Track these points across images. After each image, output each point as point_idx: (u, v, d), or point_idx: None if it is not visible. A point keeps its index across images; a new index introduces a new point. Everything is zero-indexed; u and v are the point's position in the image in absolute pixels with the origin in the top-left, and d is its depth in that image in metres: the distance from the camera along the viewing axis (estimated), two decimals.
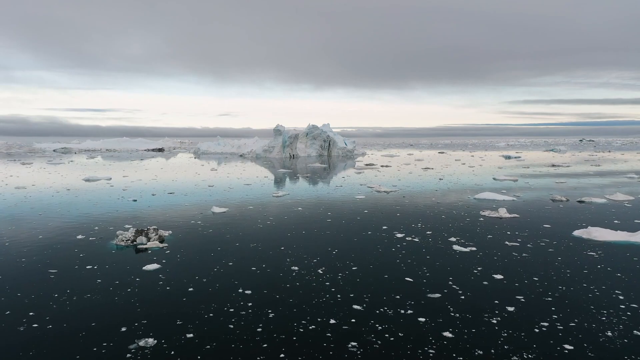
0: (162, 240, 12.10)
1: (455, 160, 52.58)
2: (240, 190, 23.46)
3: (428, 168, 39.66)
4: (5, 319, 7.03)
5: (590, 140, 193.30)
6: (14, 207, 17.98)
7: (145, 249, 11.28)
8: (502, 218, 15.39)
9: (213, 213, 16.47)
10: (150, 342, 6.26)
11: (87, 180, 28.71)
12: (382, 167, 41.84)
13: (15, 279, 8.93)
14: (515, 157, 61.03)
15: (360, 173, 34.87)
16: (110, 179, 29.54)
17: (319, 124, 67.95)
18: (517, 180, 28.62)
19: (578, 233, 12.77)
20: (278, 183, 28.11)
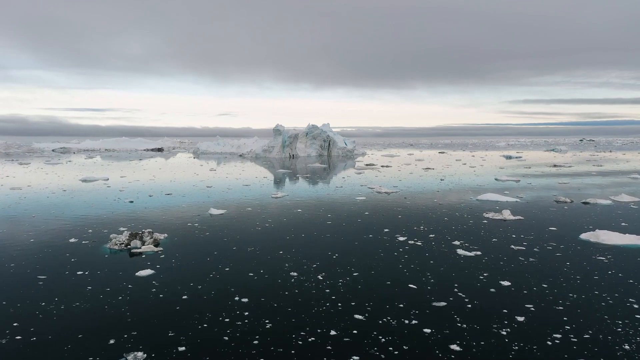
0: (157, 244, 11.74)
1: (456, 161, 52.22)
2: (239, 191, 23.10)
3: (429, 168, 39.30)
4: None
5: (591, 140, 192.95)
6: (8, 208, 17.61)
7: (140, 253, 10.91)
8: (506, 220, 15.04)
9: (210, 215, 16.11)
10: (140, 356, 5.90)
11: (84, 181, 28.33)
12: (382, 167, 41.47)
13: (1, 286, 8.57)
14: (516, 157, 60.68)
15: (361, 173, 34.51)
16: (108, 180, 29.17)
17: (319, 124, 67.59)
18: (519, 181, 28.26)
19: (585, 236, 12.40)
20: (277, 184, 27.75)
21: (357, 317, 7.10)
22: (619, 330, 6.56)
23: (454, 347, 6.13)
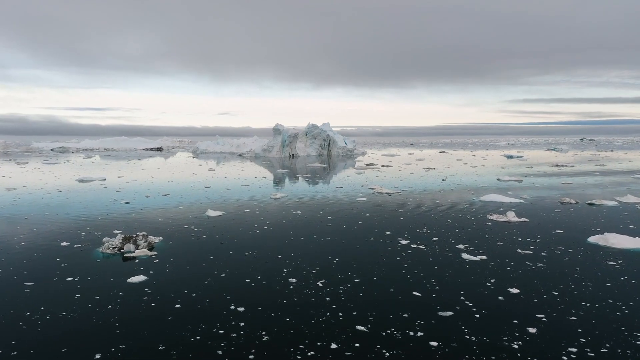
0: (151, 248, 11.35)
1: (457, 160, 51.82)
2: (238, 192, 22.71)
3: (430, 168, 38.90)
4: None
5: (591, 139, 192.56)
6: (1, 210, 17.22)
7: (133, 258, 10.52)
8: (510, 222, 14.65)
9: (208, 217, 15.72)
10: None
11: (80, 181, 27.94)
12: (382, 167, 41.07)
13: None
14: (517, 156, 60.27)
15: (361, 173, 34.11)
16: (105, 180, 28.79)
17: (319, 123, 67.17)
18: (521, 181, 27.87)
19: (594, 239, 12.02)
20: (277, 184, 27.36)
21: (359, 328, 6.71)
22: (639, 344, 6.18)
23: None
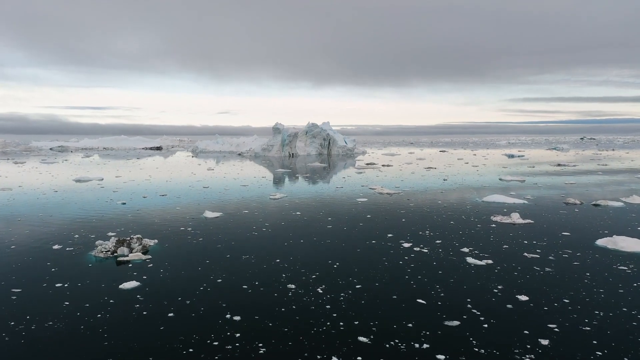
0: (145, 251, 11.00)
1: (458, 159, 51.46)
2: (236, 192, 22.35)
3: (431, 168, 38.54)
4: None
5: (592, 139, 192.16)
6: None
7: (126, 262, 10.17)
8: (515, 224, 14.29)
9: (205, 218, 15.37)
10: None
11: (77, 181, 27.58)
12: (383, 166, 40.72)
13: None
14: (519, 155, 59.92)
15: (361, 173, 33.75)
16: (102, 180, 28.43)
17: (319, 122, 66.78)
18: (524, 181, 27.52)
19: (602, 242, 11.66)
20: (276, 184, 27.00)
21: (361, 339, 6.36)
22: None
23: None
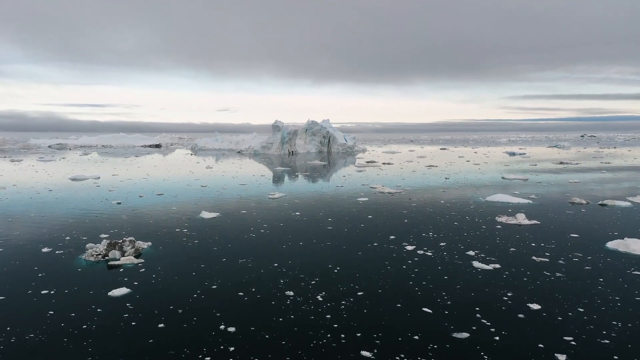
0: (138, 255, 10.56)
1: (459, 157, 51.01)
2: (235, 191, 21.91)
3: (432, 166, 38.10)
4: None
5: (592, 136, 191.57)
6: None
7: (118, 266, 9.74)
8: (521, 225, 13.87)
9: (202, 219, 14.93)
10: None
11: (73, 180, 27.12)
12: (383, 164, 40.27)
13: None
14: (520, 153, 59.49)
15: (362, 171, 33.31)
16: (99, 178, 27.97)
17: (319, 120, 66.26)
18: (527, 180, 27.08)
19: (613, 245, 11.24)
20: (275, 182, 26.55)
21: (364, 354, 5.93)
22: None
23: None
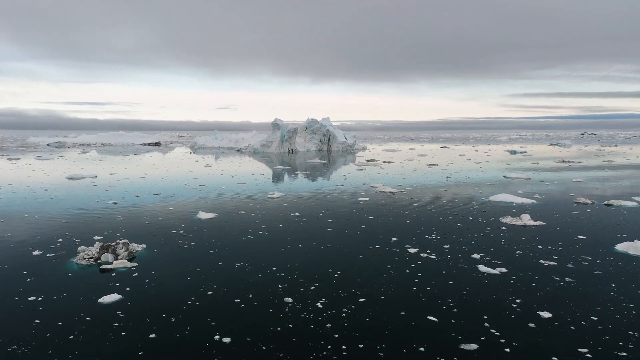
0: (132, 258, 10.22)
1: (460, 156, 50.63)
2: (233, 191, 21.55)
3: (433, 164, 37.73)
4: None
5: (592, 134, 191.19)
6: None
7: (110, 270, 9.40)
8: (526, 226, 13.52)
9: (199, 219, 14.58)
10: None
11: (70, 179, 26.76)
12: (384, 163, 39.90)
13: None
14: (521, 151, 59.10)
15: (362, 170, 32.95)
16: (96, 177, 27.62)
17: (318, 118, 65.83)
18: (529, 179, 26.73)
19: (622, 247, 10.88)
20: (275, 182, 26.19)
21: None
22: None
23: None
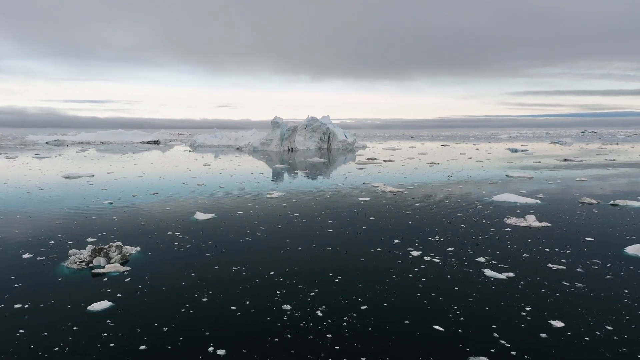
0: (125, 261, 9.86)
1: (461, 154, 50.24)
2: (232, 190, 21.19)
3: (434, 163, 37.37)
4: None
5: (593, 132, 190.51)
6: None
7: (102, 274, 9.04)
8: (532, 228, 13.16)
9: (196, 220, 14.22)
10: None
11: (66, 178, 26.41)
12: (384, 161, 39.54)
13: None
14: (522, 150, 58.72)
15: (362, 169, 32.59)
16: (93, 176, 27.26)
17: (318, 116, 65.45)
18: (532, 178, 26.37)
19: (632, 250, 10.53)
20: (274, 180, 25.83)
21: None
22: None
23: None
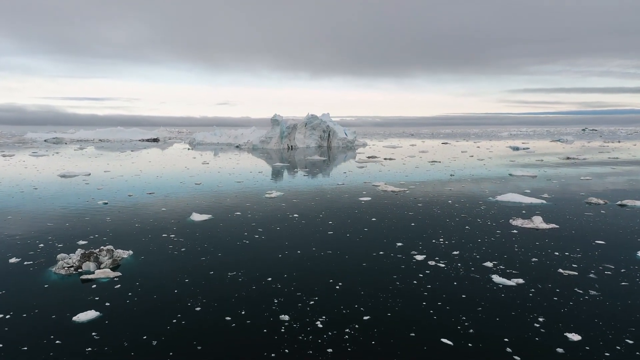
0: (116, 266, 9.43)
1: (462, 152, 49.78)
2: (230, 190, 20.75)
3: (435, 161, 36.91)
4: None
5: (593, 130, 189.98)
6: None
7: (91, 281, 8.61)
8: (539, 229, 12.73)
9: (192, 222, 13.78)
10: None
11: (62, 177, 25.95)
12: (385, 159, 39.09)
13: None
14: (523, 148, 58.31)
15: (363, 167, 32.14)
16: (89, 175, 26.79)
17: (318, 114, 64.95)
18: (535, 177, 25.94)
19: None
20: (273, 179, 25.38)
21: None
22: None
23: None
